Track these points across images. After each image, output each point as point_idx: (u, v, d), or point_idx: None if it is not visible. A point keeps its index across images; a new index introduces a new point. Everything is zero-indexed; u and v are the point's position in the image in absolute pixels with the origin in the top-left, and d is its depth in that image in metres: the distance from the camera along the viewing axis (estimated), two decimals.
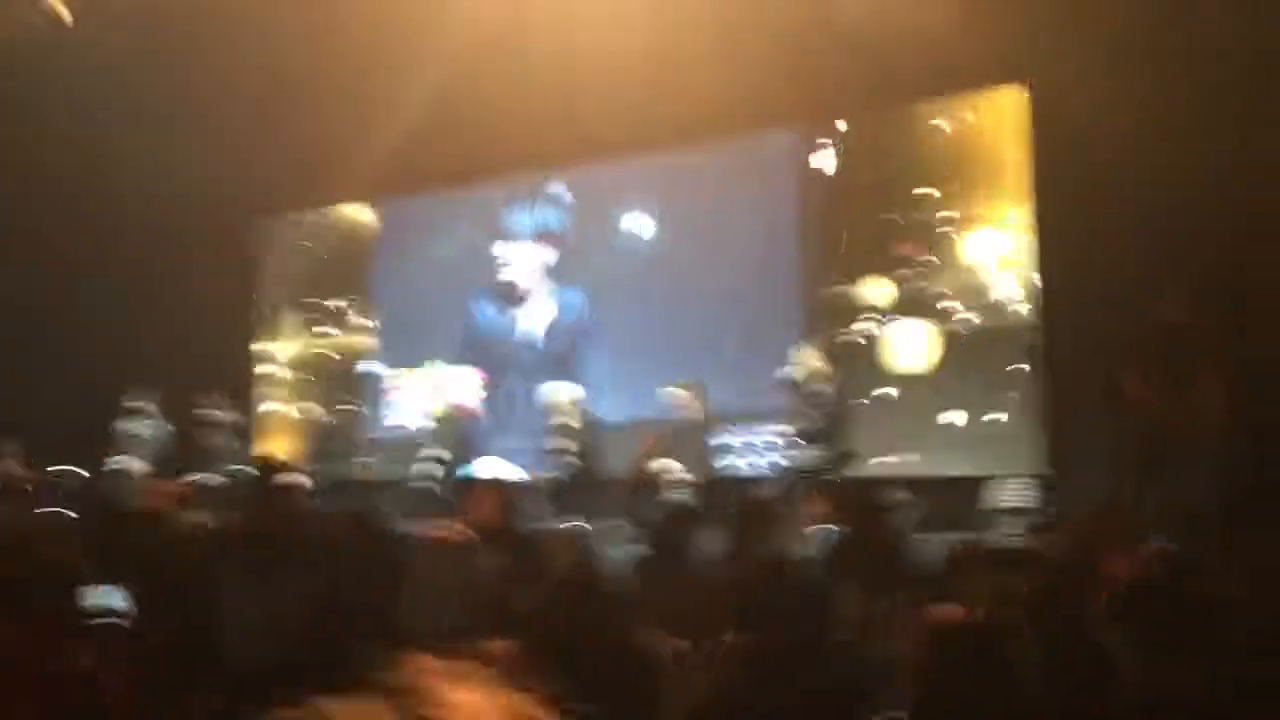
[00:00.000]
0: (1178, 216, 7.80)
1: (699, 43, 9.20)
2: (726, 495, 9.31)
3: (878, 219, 9.59)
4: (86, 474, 10.70)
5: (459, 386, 10.97)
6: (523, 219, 11.66)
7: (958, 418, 9.09)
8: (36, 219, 11.47)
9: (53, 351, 11.33)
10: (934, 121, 9.45)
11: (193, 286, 11.95)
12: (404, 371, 12.33)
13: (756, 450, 9.93)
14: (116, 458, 10.71)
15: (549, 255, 11.56)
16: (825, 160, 9.94)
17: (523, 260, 11.67)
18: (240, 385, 12.65)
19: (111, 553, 4.63)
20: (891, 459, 9.02)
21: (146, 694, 3.48)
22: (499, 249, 11.73)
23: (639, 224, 10.77)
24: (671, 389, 9.61)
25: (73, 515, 7.67)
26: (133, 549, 4.68)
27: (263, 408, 13.15)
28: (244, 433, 11.41)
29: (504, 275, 11.74)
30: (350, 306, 12.86)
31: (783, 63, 9.26)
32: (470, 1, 9.39)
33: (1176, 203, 7.80)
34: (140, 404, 10.86)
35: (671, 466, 9.04)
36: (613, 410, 10.25)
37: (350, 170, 11.77)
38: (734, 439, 10.00)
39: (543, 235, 11.55)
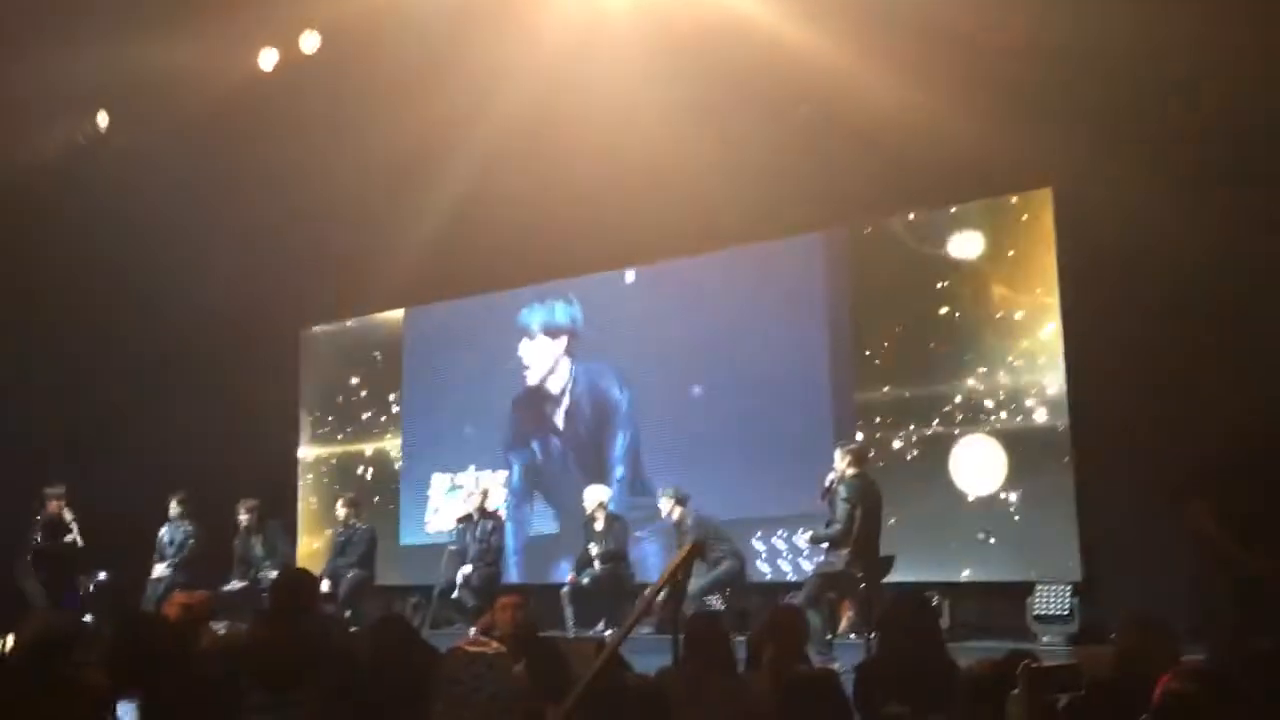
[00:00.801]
0: (1209, 317, 7.73)
1: (726, 154, 9.32)
2: (757, 603, 9.22)
3: (908, 321, 9.56)
4: (114, 579, 10.72)
5: (489, 491, 10.91)
6: (534, 317, 11.80)
7: (993, 526, 8.91)
8: (80, 328, 11.67)
9: (98, 459, 11.37)
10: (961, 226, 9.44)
11: (238, 397, 12.09)
12: (438, 477, 12.32)
13: (790, 555, 9.78)
14: (157, 565, 10.72)
15: (563, 348, 11.66)
16: (855, 264, 9.94)
17: (541, 357, 11.73)
18: (281, 493, 12.70)
19: (132, 665, 4.57)
20: (927, 567, 8.85)
21: None
22: (521, 349, 11.80)
23: (670, 324, 10.78)
24: (661, 495, 9.59)
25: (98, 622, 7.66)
26: (152, 661, 4.61)
27: (301, 515, 13.19)
28: (281, 541, 11.40)
29: (528, 377, 11.77)
30: (384, 414, 12.94)
31: (808, 168, 9.36)
32: (496, 115, 9.56)
33: (1206, 300, 7.75)
34: (180, 510, 10.88)
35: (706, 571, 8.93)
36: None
37: (383, 281, 12.00)
38: (770, 542, 9.89)
39: (555, 330, 11.67)
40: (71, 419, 11.67)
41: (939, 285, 9.47)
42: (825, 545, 7.41)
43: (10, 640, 4.82)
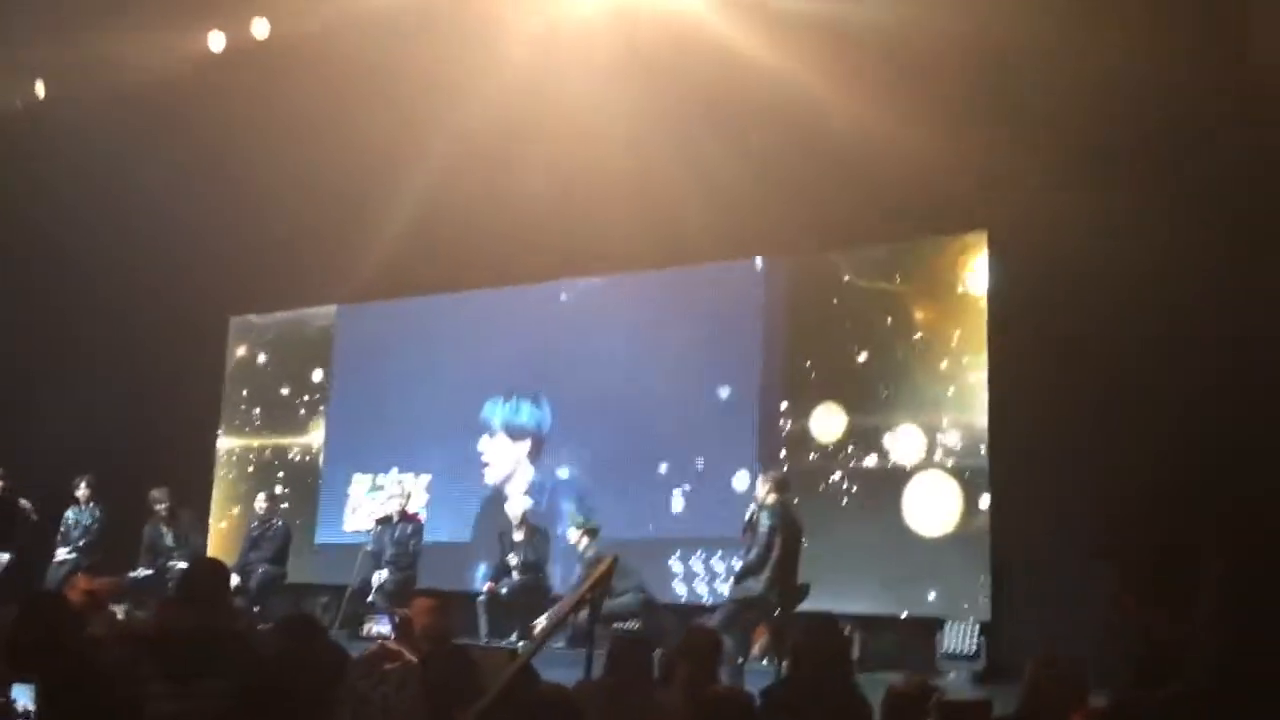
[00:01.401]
0: (1130, 366, 7.92)
1: (676, 172, 9.37)
2: (671, 623, 9.23)
3: (839, 353, 9.66)
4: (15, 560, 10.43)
5: (411, 494, 10.79)
6: (497, 414, 11.53)
7: (906, 561, 9.01)
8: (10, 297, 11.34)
9: (13, 438, 11.04)
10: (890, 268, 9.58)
11: (159, 380, 11.84)
12: (359, 477, 12.17)
13: (707, 578, 9.81)
14: (60, 549, 10.45)
15: (525, 452, 11.37)
16: (791, 292, 10.02)
17: (501, 457, 11.51)
18: (195, 482, 12.45)
19: (30, 647, 4.44)
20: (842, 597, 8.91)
21: None
22: (482, 445, 11.56)
23: (603, 340, 10.78)
24: (571, 525, 9.61)
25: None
26: (51, 644, 4.48)
27: (214, 506, 12.93)
28: (193, 531, 11.17)
29: (486, 475, 11.54)
30: (310, 408, 12.75)
31: (755, 193, 9.43)
32: (451, 119, 9.52)
33: (1128, 348, 7.93)
34: (88, 493, 10.62)
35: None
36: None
37: (318, 275, 11.87)
38: (688, 564, 9.91)
39: (519, 433, 11.41)
40: None
41: (871, 319, 9.59)
42: (751, 571, 7.40)
43: None
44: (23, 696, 3.86)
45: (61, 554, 10.48)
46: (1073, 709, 2.71)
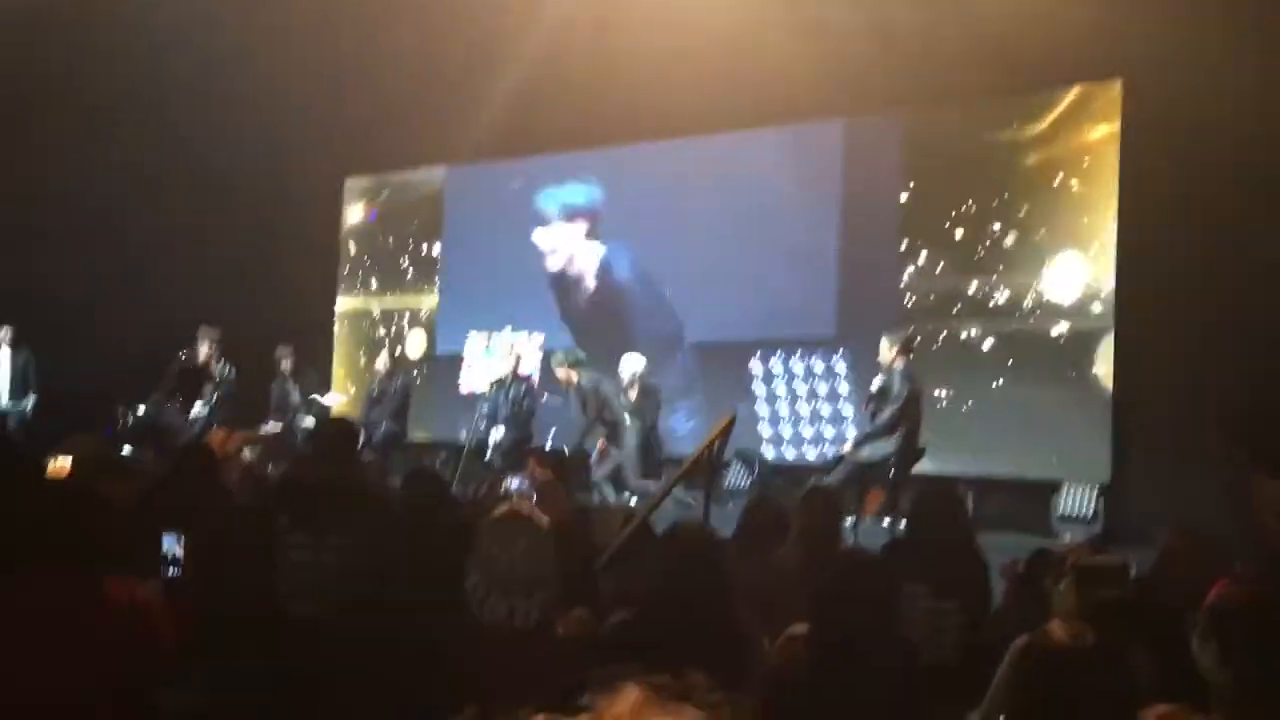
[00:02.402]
0: (1273, 226, 7.54)
1: (788, 25, 9.07)
2: (780, 484, 9.31)
3: (962, 209, 9.38)
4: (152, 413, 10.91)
5: (522, 353, 10.92)
6: (552, 199, 11.65)
7: (1024, 422, 8.88)
8: (121, 164, 11.56)
9: (141, 300, 11.43)
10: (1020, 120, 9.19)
11: (278, 243, 12.09)
12: (473, 336, 12.38)
13: (820, 440, 9.84)
14: (195, 404, 10.90)
15: (583, 231, 11.58)
16: (912, 149, 9.71)
17: (562, 242, 11.66)
18: (317, 342, 12.82)
19: (176, 495, 4.68)
20: (957, 458, 8.87)
21: (195, 636, 3.49)
22: (538, 237, 11.70)
23: (697, 202, 10.66)
24: (555, 360, 9.55)
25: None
26: (197, 494, 4.71)
27: (335, 366, 13.35)
28: (316, 387, 11.54)
29: (550, 264, 11.73)
30: (424, 268, 12.97)
31: (873, 48, 9.08)
32: None
33: (1273, 208, 7.55)
34: (216, 352, 11.01)
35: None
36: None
37: (429, 136, 11.90)
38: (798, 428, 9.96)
39: (575, 213, 11.52)
40: (111, 255, 11.68)
41: (998, 174, 9.26)
42: (869, 432, 7.37)
43: (60, 461, 4.94)
44: (171, 544, 4.06)
45: (196, 408, 10.92)
46: (1213, 576, 2.65)
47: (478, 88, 10.89)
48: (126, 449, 9.96)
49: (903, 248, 9.69)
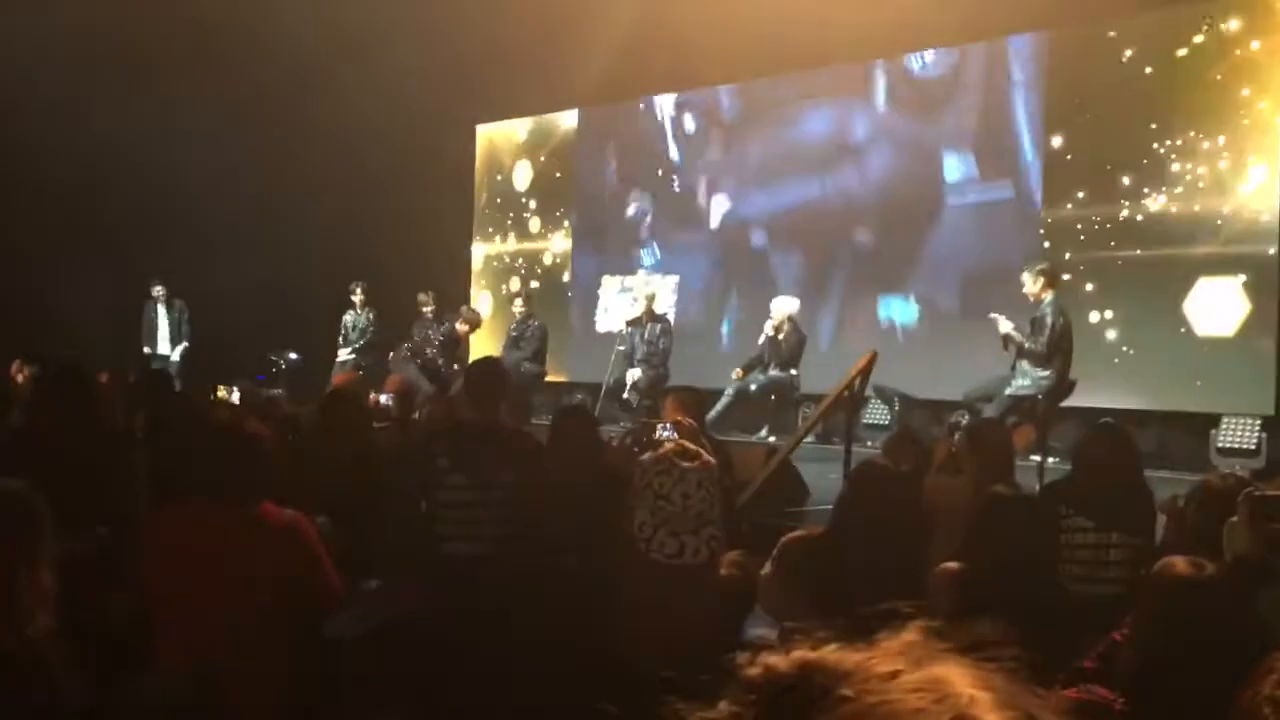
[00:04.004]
0: None
1: None
2: (922, 418, 9.17)
3: (1115, 135, 8.99)
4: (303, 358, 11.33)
5: (656, 294, 10.94)
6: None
7: (1185, 348, 8.55)
8: (272, 122, 11.91)
9: (287, 251, 11.82)
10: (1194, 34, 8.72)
11: (414, 190, 12.32)
12: (608, 279, 12.47)
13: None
14: (341, 349, 11.27)
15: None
16: (1060, 68, 9.33)
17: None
18: (455, 284, 13.06)
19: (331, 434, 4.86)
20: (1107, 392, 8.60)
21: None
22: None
23: (848, 129, 10.47)
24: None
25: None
26: (350, 432, 4.88)
27: (476, 307, 13.62)
28: (455, 332, 11.81)
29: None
30: (558, 212, 13.08)
31: None
32: None
33: None
34: (363, 298, 11.33)
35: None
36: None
37: (559, 79, 11.90)
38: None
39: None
40: (259, 202, 12.05)
41: (1157, 96, 8.81)
42: (1021, 365, 7.17)
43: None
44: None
45: (343, 354, 11.29)
46: None
47: (603, 29, 10.83)
48: (277, 392, 10.38)
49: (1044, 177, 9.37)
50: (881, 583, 2.35)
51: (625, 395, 10.21)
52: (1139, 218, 8.86)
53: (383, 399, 6.47)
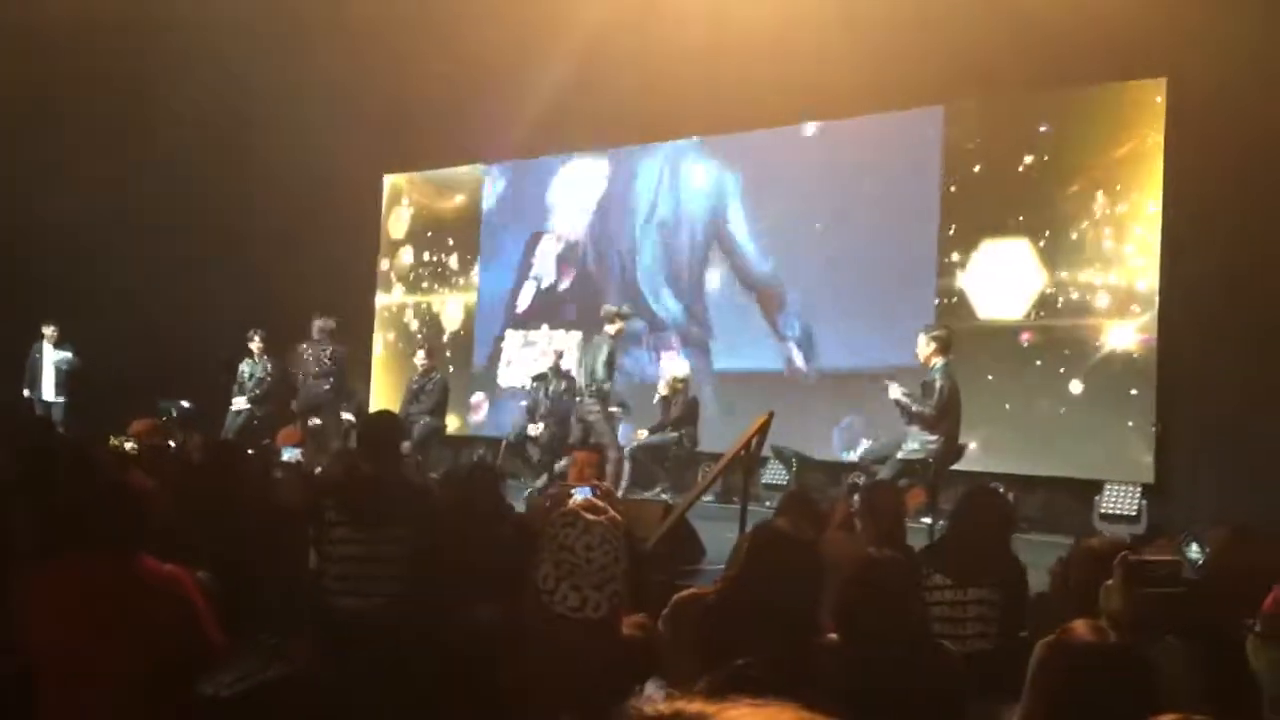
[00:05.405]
0: None
1: (831, 21, 9.02)
2: (818, 480, 9.29)
3: (1009, 205, 9.30)
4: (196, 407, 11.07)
5: (562, 350, 10.93)
6: None
7: (1065, 418, 8.82)
8: (163, 171, 11.73)
9: (190, 297, 11.57)
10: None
11: (318, 240, 12.19)
12: (511, 333, 12.45)
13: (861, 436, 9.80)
14: (236, 398, 11.04)
15: None
16: (965, 142, 9.65)
17: None
18: (356, 338, 12.93)
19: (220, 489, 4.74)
20: (997, 457, 8.82)
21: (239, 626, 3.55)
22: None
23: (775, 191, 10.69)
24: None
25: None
26: (241, 486, 4.77)
27: (374, 361, 13.47)
28: (356, 382, 11.65)
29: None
30: (463, 266, 13.05)
31: (929, 42, 9.02)
32: None
33: None
34: (260, 347, 11.12)
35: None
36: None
37: (467, 133, 11.92)
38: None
39: None
40: (156, 249, 11.82)
41: (1038, 174, 9.18)
42: (909, 429, 7.32)
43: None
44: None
45: (238, 403, 11.04)
46: (1267, 576, 2.63)
47: (518, 85, 10.92)
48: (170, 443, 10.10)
49: (941, 244, 9.64)
50: (771, 642, 2.38)
51: (527, 450, 10.19)
52: (1027, 289, 9.17)
53: (285, 453, 6.38)
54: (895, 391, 7.35)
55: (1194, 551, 6.13)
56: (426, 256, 13.41)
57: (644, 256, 11.59)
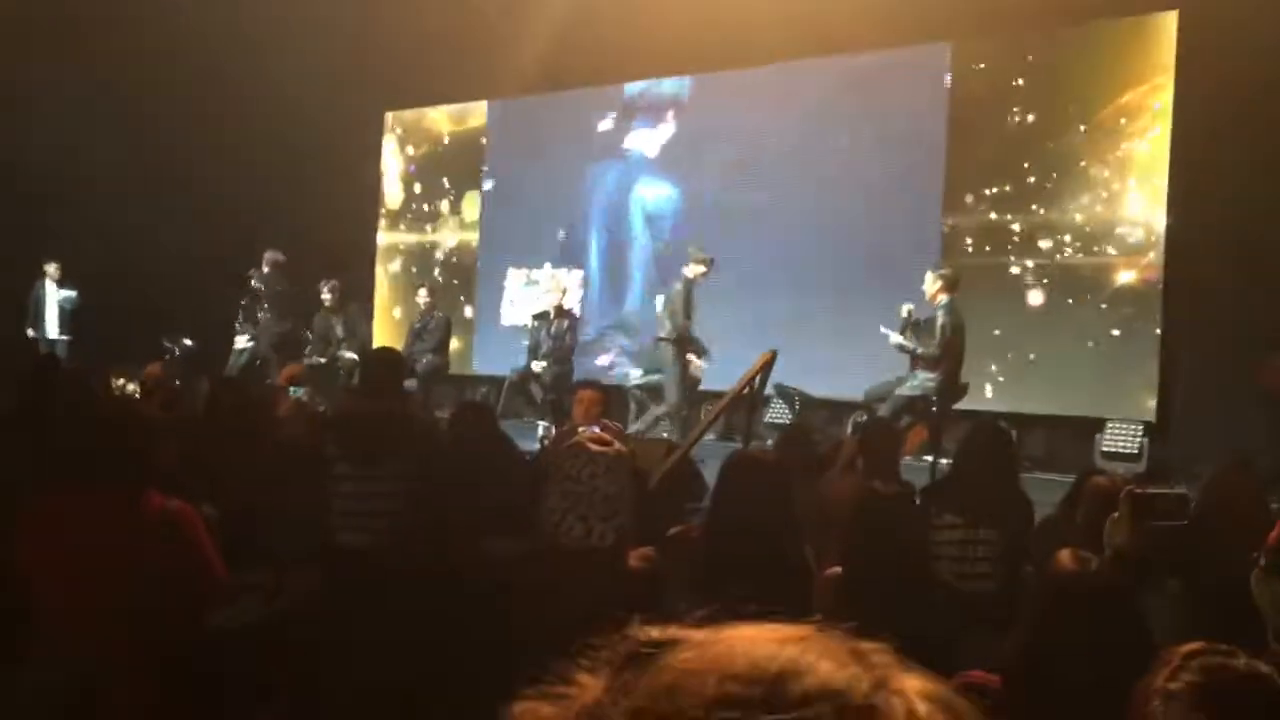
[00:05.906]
0: None
1: None
2: (822, 418, 9.29)
3: (1017, 144, 9.21)
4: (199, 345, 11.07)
5: (567, 289, 10.90)
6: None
7: (1068, 356, 8.81)
8: (164, 103, 11.61)
9: (188, 233, 11.52)
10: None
11: (320, 177, 12.10)
12: (514, 271, 12.39)
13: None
14: (239, 337, 11.02)
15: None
16: (959, 82, 9.52)
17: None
18: (359, 276, 12.88)
19: (225, 427, 4.74)
20: (1000, 396, 8.82)
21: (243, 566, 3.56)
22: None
23: (779, 129, 10.54)
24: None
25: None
26: (245, 426, 4.77)
27: (378, 296, 13.43)
28: (360, 323, 11.61)
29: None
30: (466, 203, 12.96)
31: None
32: None
33: None
34: (258, 286, 11.09)
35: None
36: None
37: (470, 69, 11.78)
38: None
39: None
40: (158, 186, 11.74)
41: (1047, 111, 9.07)
42: (914, 368, 7.32)
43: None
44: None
45: (241, 342, 11.04)
46: (1265, 513, 2.62)
47: (521, 20, 10.78)
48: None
49: (948, 181, 9.56)
50: (752, 573, 2.38)
51: (530, 389, 10.17)
52: (1031, 225, 9.10)
53: (292, 391, 6.36)
54: (895, 338, 7.35)
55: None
56: (427, 193, 13.33)
57: (647, 196, 11.52)
